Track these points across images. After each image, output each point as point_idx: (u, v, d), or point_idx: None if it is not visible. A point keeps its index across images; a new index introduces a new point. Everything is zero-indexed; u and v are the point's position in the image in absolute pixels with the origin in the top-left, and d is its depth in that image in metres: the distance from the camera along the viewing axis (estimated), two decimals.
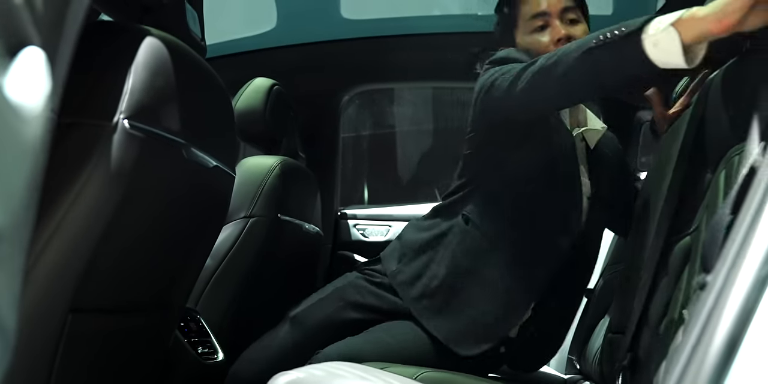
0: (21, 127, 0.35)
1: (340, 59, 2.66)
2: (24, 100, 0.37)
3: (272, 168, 1.93)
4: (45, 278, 0.94)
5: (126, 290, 1.13)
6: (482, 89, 1.45)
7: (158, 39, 1.04)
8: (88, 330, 1.04)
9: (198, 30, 1.31)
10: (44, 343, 0.98)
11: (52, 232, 0.92)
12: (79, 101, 0.94)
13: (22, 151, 0.36)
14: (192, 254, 1.35)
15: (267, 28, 2.53)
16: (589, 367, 1.86)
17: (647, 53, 1.09)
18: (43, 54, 0.54)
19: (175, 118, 1.07)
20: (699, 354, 0.60)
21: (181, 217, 1.21)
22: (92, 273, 0.99)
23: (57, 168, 0.91)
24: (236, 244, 1.84)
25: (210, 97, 1.27)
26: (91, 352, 1.08)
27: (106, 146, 0.94)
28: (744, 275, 0.61)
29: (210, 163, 1.23)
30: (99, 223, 0.97)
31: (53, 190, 0.92)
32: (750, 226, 0.63)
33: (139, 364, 1.27)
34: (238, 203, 1.85)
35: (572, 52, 1.24)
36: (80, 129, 0.94)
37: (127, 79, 0.98)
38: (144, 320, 1.24)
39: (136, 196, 1.01)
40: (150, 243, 1.14)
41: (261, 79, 2.15)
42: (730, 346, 0.59)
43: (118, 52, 1.00)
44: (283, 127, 2.19)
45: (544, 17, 1.56)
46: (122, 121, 0.96)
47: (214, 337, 1.67)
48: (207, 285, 1.80)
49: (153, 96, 1.01)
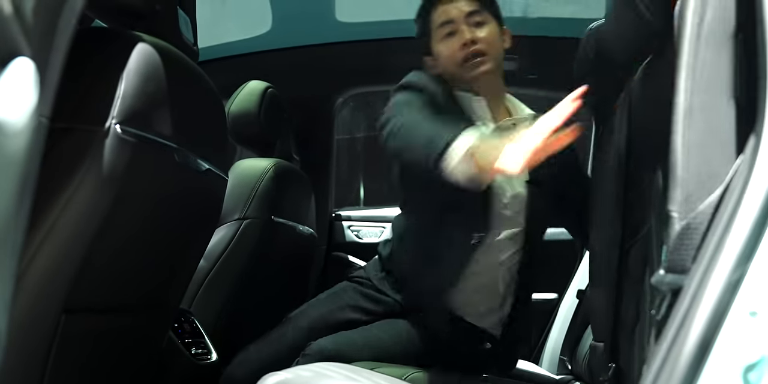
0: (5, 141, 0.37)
1: (334, 62, 2.67)
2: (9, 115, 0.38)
3: (266, 170, 1.95)
4: (38, 281, 0.96)
5: (118, 291, 1.15)
6: (378, 128, 1.54)
7: (150, 45, 1.05)
8: (80, 330, 1.06)
9: (190, 35, 1.32)
10: (38, 344, 0.99)
11: (45, 235, 0.94)
12: (72, 107, 0.95)
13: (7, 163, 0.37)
14: (185, 256, 1.37)
15: (262, 31, 2.55)
16: (580, 368, 1.87)
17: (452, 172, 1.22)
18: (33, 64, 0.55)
19: (166, 122, 1.09)
20: (673, 355, 0.62)
21: (173, 220, 1.23)
22: (85, 274, 1.01)
23: (49, 172, 0.92)
24: (230, 246, 1.86)
25: (202, 101, 1.29)
26: (84, 352, 1.10)
27: (98, 151, 0.96)
28: (716, 279, 0.62)
29: (202, 166, 1.24)
30: (91, 226, 0.98)
31: (45, 194, 0.93)
32: (723, 232, 0.65)
33: (132, 364, 1.29)
34: (232, 205, 1.87)
35: (405, 139, 1.39)
36: (73, 134, 0.96)
37: (119, 85, 0.99)
38: (136, 320, 1.25)
39: (127, 199, 1.03)
40: (142, 245, 1.16)
41: (255, 81, 2.17)
42: (703, 348, 0.61)
43: (110, 58, 1.02)
44: (278, 130, 2.20)
45: (451, 24, 1.63)
46: (114, 126, 0.97)
47: (207, 338, 1.69)
48: (201, 286, 1.81)
49: (145, 101, 1.02)
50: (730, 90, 0.76)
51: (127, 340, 1.24)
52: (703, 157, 0.75)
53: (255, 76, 2.22)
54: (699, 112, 0.76)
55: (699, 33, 0.77)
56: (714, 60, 0.76)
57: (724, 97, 0.76)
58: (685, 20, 0.78)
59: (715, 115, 0.76)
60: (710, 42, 0.76)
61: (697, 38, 0.77)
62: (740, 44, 0.76)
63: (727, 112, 0.75)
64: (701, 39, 0.77)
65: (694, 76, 0.77)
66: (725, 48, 0.77)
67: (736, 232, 0.64)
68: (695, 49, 0.77)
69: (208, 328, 1.73)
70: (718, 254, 0.64)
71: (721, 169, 0.72)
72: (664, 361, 0.62)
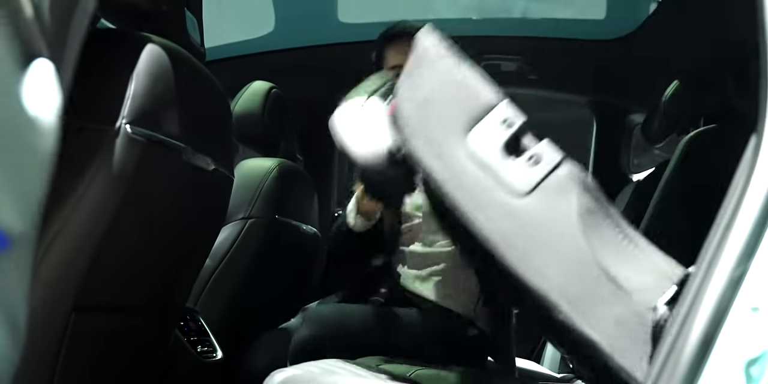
0: (37, 138, 0.38)
1: (337, 62, 2.68)
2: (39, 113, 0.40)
3: (270, 170, 1.96)
4: (48, 279, 0.97)
5: (127, 289, 1.16)
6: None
7: (159, 46, 1.07)
8: (90, 329, 1.07)
9: (197, 36, 1.34)
10: (48, 343, 1.01)
11: (56, 232, 0.95)
12: (83, 107, 0.96)
13: (39, 161, 0.38)
14: (192, 255, 1.38)
15: (265, 32, 2.55)
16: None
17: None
18: (52, 65, 0.56)
19: (175, 122, 1.10)
20: (676, 350, 0.63)
21: (181, 219, 1.24)
22: (94, 273, 1.02)
23: (61, 171, 0.93)
24: (235, 245, 1.87)
25: (209, 101, 1.30)
26: (94, 351, 1.11)
27: (109, 150, 0.97)
28: (719, 276, 0.64)
29: (209, 165, 1.25)
30: (101, 224, 0.99)
31: (57, 192, 0.95)
32: (726, 228, 0.66)
33: (140, 363, 1.30)
34: (237, 204, 1.88)
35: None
36: (84, 133, 0.97)
37: (129, 86, 1.00)
38: (145, 319, 1.26)
39: (137, 198, 1.04)
40: (150, 243, 1.17)
41: (259, 82, 2.17)
42: (705, 343, 0.62)
43: (120, 59, 1.03)
44: (281, 130, 2.21)
45: (398, 70, 1.72)
46: (124, 125, 0.99)
47: (213, 336, 1.70)
48: (206, 285, 1.82)
49: (154, 101, 1.04)
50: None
51: (135, 339, 1.25)
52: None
53: (258, 76, 2.23)
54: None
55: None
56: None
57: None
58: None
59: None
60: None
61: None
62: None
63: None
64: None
65: None
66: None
67: (739, 229, 0.65)
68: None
69: (214, 326, 1.74)
70: (720, 251, 0.65)
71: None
72: (667, 356, 0.63)
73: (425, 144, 0.75)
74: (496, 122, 0.75)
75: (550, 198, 0.72)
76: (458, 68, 0.78)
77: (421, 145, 0.76)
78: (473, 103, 0.76)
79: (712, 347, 0.61)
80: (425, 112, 0.77)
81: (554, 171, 0.74)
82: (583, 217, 0.72)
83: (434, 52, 0.79)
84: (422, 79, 0.79)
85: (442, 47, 0.80)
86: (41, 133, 0.39)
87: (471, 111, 0.75)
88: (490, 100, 0.76)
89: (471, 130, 0.75)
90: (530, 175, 0.73)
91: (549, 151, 0.76)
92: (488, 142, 0.75)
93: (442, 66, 0.78)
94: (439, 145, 0.75)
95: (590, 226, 0.72)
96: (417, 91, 0.78)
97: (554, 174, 0.73)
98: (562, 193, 0.73)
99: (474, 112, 0.75)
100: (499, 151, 0.75)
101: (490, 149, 0.74)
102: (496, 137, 0.75)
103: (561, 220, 0.72)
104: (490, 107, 0.76)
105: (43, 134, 0.39)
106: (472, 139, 0.75)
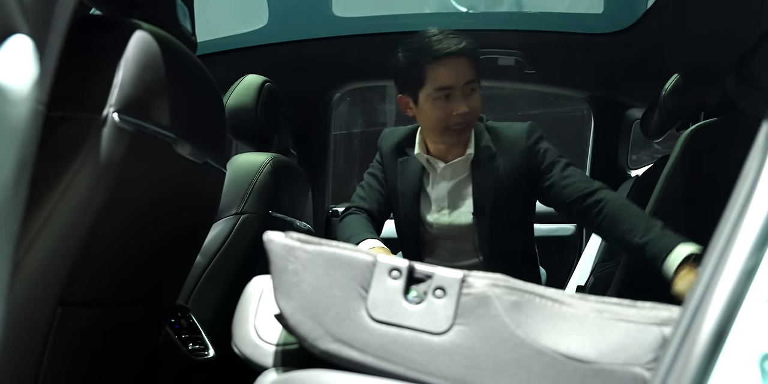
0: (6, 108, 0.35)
1: (331, 56, 2.66)
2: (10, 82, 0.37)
3: (263, 165, 1.93)
4: (34, 272, 0.94)
5: (115, 284, 1.13)
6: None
7: (148, 33, 1.03)
8: (77, 324, 1.04)
9: (189, 25, 1.30)
10: (33, 337, 0.98)
11: (41, 225, 0.92)
12: (69, 95, 0.93)
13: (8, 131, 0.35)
14: (182, 250, 1.35)
15: (258, 26, 2.53)
16: None
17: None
18: (31, 42, 0.54)
19: (165, 112, 1.07)
20: (687, 344, 0.60)
21: (170, 212, 1.21)
22: (81, 266, 0.99)
23: (46, 161, 0.90)
24: (227, 241, 1.84)
25: (200, 92, 1.27)
26: (80, 346, 1.08)
27: (96, 139, 0.94)
28: (731, 267, 0.61)
29: (200, 158, 1.22)
30: (88, 216, 0.96)
31: (42, 183, 0.91)
32: (738, 218, 0.63)
33: (129, 360, 1.27)
34: (230, 200, 1.85)
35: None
36: (70, 122, 0.94)
37: (117, 73, 0.97)
38: (133, 315, 1.23)
39: (125, 189, 1.01)
40: (139, 237, 1.14)
41: (252, 76, 2.15)
42: (718, 336, 0.59)
43: (108, 46, 1.00)
44: (275, 125, 2.18)
45: (448, 90, 1.75)
46: (112, 114, 0.95)
47: (204, 334, 1.67)
48: (198, 282, 1.79)
49: (143, 90, 1.01)
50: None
51: (124, 335, 1.22)
52: None
53: (252, 70, 2.21)
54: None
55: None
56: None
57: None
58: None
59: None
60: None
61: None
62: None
63: None
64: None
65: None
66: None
67: (752, 218, 0.62)
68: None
69: (205, 324, 1.71)
70: (732, 241, 0.62)
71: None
72: (678, 350, 0.61)
73: (332, 341, 0.71)
74: (384, 277, 0.72)
75: (474, 319, 0.70)
76: (319, 251, 0.74)
77: (329, 343, 0.71)
78: (354, 272, 0.72)
79: (725, 341, 0.59)
80: (314, 308, 0.72)
81: (462, 296, 0.71)
82: (512, 316, 0.69)
83: (286, 252, 0.74)
84: (297, 276, 0.74)
85: (292, 241, 0.75)
86: (10, 102, 0.36)
87: (357, 278, 0.72)
88: (366, 259, 0.73)
89: (366, 299, 0.72)
90: (442, 311, 0.70)
91: (447, 275, 0.73)
92: (388, 301, 0.71)
93: (304, 257, 0.74)
94: (345, 335, 0.70)
95: (523, 320, 0.70)
96: (294, 291, 0.73)
97: (463, 298, 0.71)
98: (482, 308, 0.70)
99: (359, 278, 0.72)
100: (403, 304, 0.72)
101: (393, 308, 0.71)
102: (393, 291, 0.72)
103: (497, 333, 0.69)
104: (371, 266, 0.72)
105: (13, 104, 0.36)
106: (371, 306, 0.71)
